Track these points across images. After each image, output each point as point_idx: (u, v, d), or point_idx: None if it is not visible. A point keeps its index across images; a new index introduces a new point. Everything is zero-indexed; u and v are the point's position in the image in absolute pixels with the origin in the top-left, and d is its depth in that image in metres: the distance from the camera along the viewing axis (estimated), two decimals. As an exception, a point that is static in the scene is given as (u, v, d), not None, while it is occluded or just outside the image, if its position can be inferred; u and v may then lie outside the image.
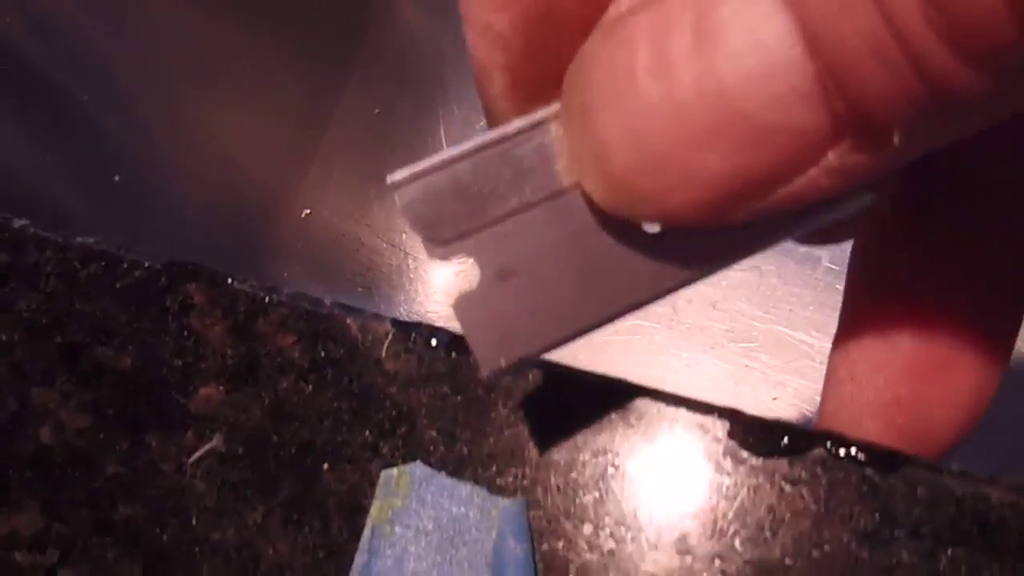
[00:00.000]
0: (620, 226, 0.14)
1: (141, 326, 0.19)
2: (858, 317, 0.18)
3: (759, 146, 0.11)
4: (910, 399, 0.17)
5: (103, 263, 0.20)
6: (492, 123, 0.15)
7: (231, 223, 0.55)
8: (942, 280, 0.17)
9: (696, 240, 0.14)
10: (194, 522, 0.17)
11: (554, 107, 0.14)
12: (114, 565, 0.17)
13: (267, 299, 0.19)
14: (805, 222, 0.13)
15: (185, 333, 0.19)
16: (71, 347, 0.19)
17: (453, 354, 0.17)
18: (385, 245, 0.63)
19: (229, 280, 0.19)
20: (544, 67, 0.14)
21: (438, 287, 0.62)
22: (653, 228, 0.13)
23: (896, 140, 0.11)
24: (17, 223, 0.20)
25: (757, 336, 0.57)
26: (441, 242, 0.14)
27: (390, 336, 0.18)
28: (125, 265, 0.20)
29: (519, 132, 0.14)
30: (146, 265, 0.19)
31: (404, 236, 0.63)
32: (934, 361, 0.17)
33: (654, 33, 0.12)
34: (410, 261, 0.62)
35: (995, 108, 0.11)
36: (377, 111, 0.63)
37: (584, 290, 0.14)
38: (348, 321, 0.18)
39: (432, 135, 0.64)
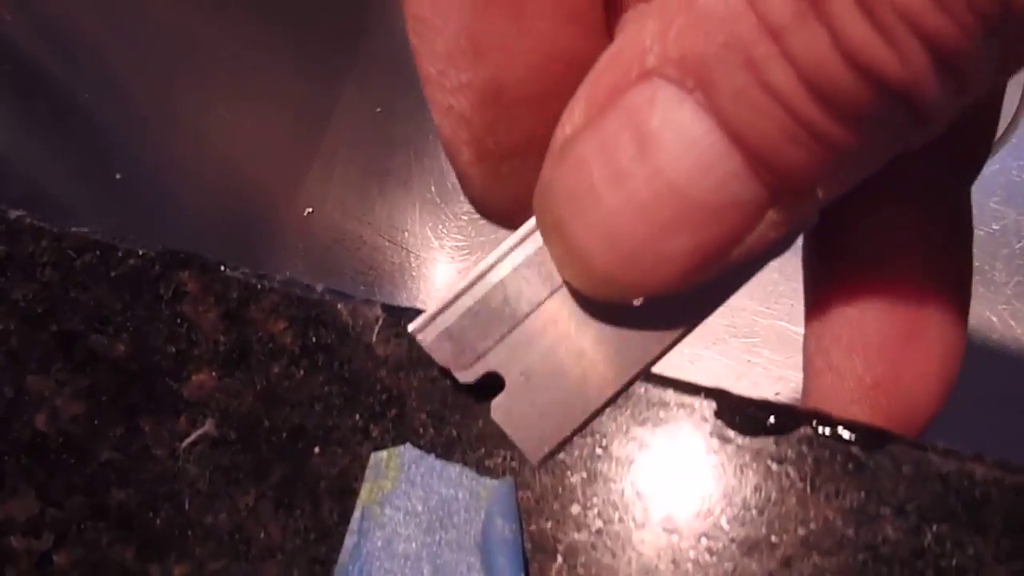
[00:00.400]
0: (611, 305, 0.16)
1: (135, 314, 0.19)
2: (823, 307, 0.18)
3: (713, 222, 0.13)
4: (889, 378, 0.17)
5: (98, 252, 0.20)
6: (464, 187, 0.17)
7: (233, 222, 0.55)
8: (891, 257, 0.17)
9: (681, 301, 0.16)
10: (187, 506, 0.17)
11: (533, 220, 0.16)
12: (108, 549, 0.17)
13: (259, 286, 0.19)
14: (764, 260, 0.16)
15: (178, 320, 0.19)
16: (66, 335, 0.19)
17: (443, 338, 0.17)
18: (387, 243, 0.63)
19: (221, 268, 0.19)
20: (502, 140, 0.15)
21: (440, 285, 0.62)
22: (638, 302, 0.16)
23: (820, 193, 0.13)
24: (13, 214, 0.21)
25: (759, 331, 0.57)
26: (466, 366, 0.16)
27: (380, 321, 0.18)
28: (119, 254, 0.20)
29: (509, 250, 0.16)
30: (140, 254, 0.20)
31: (406, 234, 0.63)
32: (903, 336, 0.17)
33: (601, 150, 0.14)
34: (412, 259, 0.63)
35: (879, 152, 0.13)
36: (378, 110, 0.63)
37: (598, 365, 0.16)
38: (339, 306, 0.18)
39: (433, 133, 0.64)
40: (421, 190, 0.63)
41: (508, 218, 0.17)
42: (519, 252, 0.16)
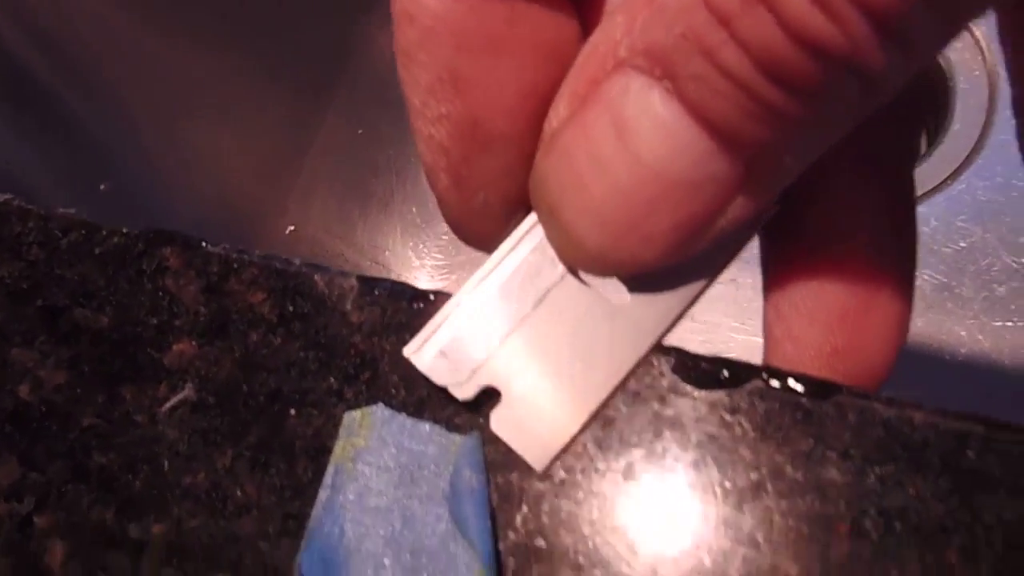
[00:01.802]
0: (604, 293, 0.17)
1: (118, 288, 0.20)
2: (781, 281, 0.19)
3: (692, 200, 0.14)
4: (846, 345, 0.18)
5: (83, 231, 0.21)
6: (442, 211, 0.18)
7: (215, 237, 0.56)
8: (844, 231, 0.18)
9: (667, 284, 0.17)
10: (166, 467, 0.18)
11: (523, 225, 0.17)
12: (88, 511, 0.18)
13: (238, 260, 0.19)
14: (743, 238, 0.17)
15: (160, 293, 0.19)
16: (51, 310, 0.20)
17: (415, 305, 0.18)
18: (368, 262, 0.64)
19: (203, 244, 0.20)
20: (477, 170, 0.17)
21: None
22: (624, 295, 0.17)
23: (788, 164, 0.14)
24: (0, 197, 0.21)
25: (734, 348, 0.58)
26: (462, 383, 0.17)
27: (355, 290, 0.19)
28: (104, 233, 0.20)
29: (493, 267, 0.17)
30: (124, 232, 0.20)
31: (387, 253, 0.64)
32: (858, 306, 0.18)
33: (583, 140, 0.15)
34: (392, 278, 0.63)
35: (838, 122, 0.14)
36: (361, 131, 0.64)
37: (593, 363, 0.17)
38: (316, 277, 0.19)
39: (415, 156, 0.65)
40: (402, 210, 0.64)
41: (484, 242, 0.18)
42: (504, 267, 0.17)
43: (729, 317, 0.59)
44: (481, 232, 0.18)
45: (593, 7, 0.17)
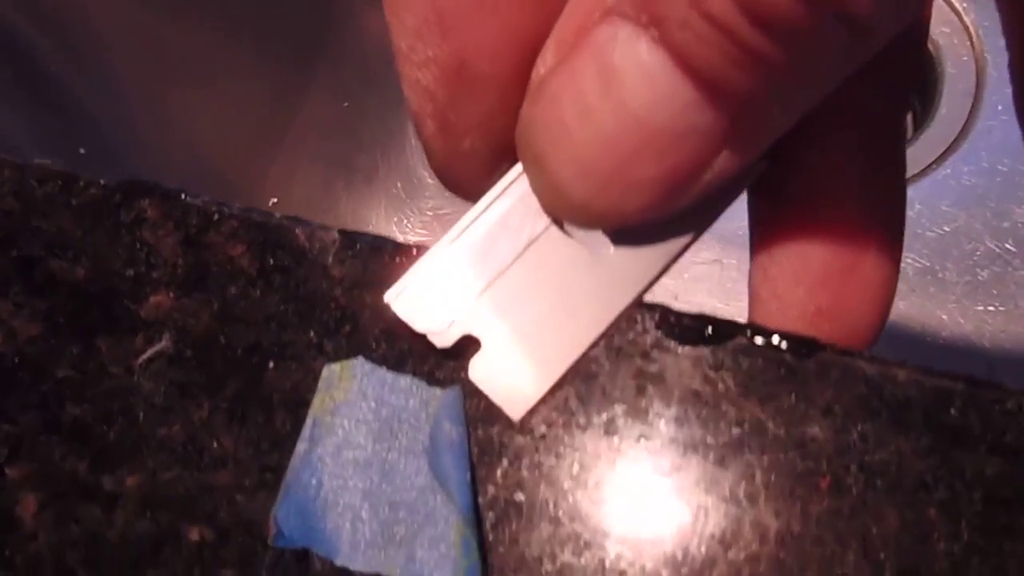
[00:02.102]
0: (587, 246, 0.16)
1: (95, 239, 0.19)
2: (768, 241, 0.19)
3: (677, 150, 0.14)
4: (832, 306, 0.18)
5: (60, 182, 0.20)
6: (428, 159, 0.18)
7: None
8: (832, 189, 0.18)
9: (651, 238, 0.16)
10: (141, 419, 0.18)
11: (508, 176, 0.17)
12: (61, 462, 0.18)
13: (218, 212, 0.19)
14: (731, 194, 0.17)
15: (138, 245, 0.19)
16: (25, 260, 0.20)
17: (397, 259, 0.18)
18: (352, 236, 0.63)
19: (182, 195, 0.19)
20: (463, 115, 0.16)
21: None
22: (608, 248, 0.16)
23: (776, 115, 0.14)
24: (-25, 146, 0.21)
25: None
26: (442, 331, 0.16)
27: (336, 244, 0.18)
28: (81, 184, 0.20)
29: (478, 214, 0.17)
30: (102, 183, 0.20)
31: (371, 228, 0.63)
32: (845, 266, 0.18)
33: (570, 87, 0.14)
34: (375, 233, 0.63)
35: (826, 72, 0.14)
36: (345, 104, 0.64)
37: (575, 315, 0.16)
38: (296, 231, 0.19)
39: (400, 130, 0.64)
40: (386, 185, 0.64)
41: (468, 190, 0.18)
42: (488, 216, 0.17)
43: (713, 297, 0.59)
44: (467, 179, 0.18)
45: None
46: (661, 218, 0.15)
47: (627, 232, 0.16)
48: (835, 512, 0.15)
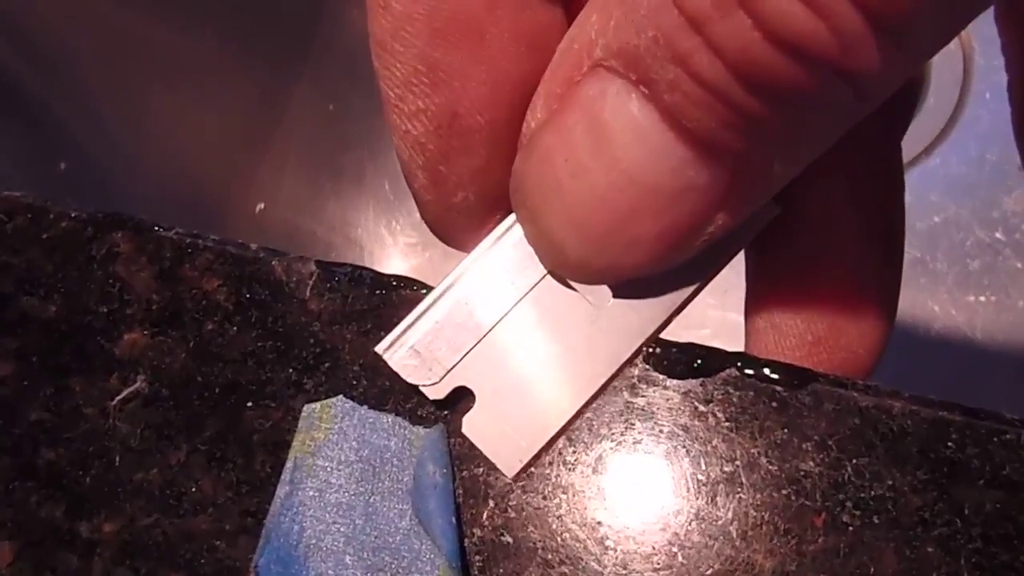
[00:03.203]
0: (586, 296, 0.16)
1: (67, 275, 0.19)
2: (765, 268, 0.18)
3: (674, 207, 0.13)
4: (829, 335, 0.17)
5: (29, 215, 0.20)
6: (420, 210, 0.17)
7: (183, 216, 0.55)
8: (832, 217, 0.18)
9: (653, 289, 0.16)
10: (117, 463, 0.17)
11: (503, 225, 0.16)
12: (37, 508, 0.17)
13: (192, 245, 0.19)
14: (738, 243, 0.16)
15: (111, 280, 0.19)
16: (-5, 298, 0.19)
17: (377, 292, 0.17)
18: (340, 239, 0.63)
19: (155, 228, 0.19)
20: (456, 168, 0.16)
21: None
22: (608, 298, 0.16)
23: (777, 169, 0.13)
24: (-58, 178, 0.20)
25: (710, 323, 0.58)
26: (435, 383, 0.16)
27: (314, 276, 0.18)
28: (51, 216, 0.19)
29: (471, 264, 0.16)
30: (72, 216, 0.19)
31: (360, 231, 0.63)
32: (843, 295, 0.17)
33: (561, 145, 0.14)
34: (366, 256, 0.62)
35: (827, 130, 0.13)
36: (331, 106, 0.63)
37: (572, 368, 0.16)
38: (273, 263, 0.18)
39: (387, 131, 0.64)
40: (375, 187, 0.63)
41: (461, 241, 0.17)
42: (483, 264, 0.16)
43: (705, 293, 0.58)
44: (460, 231, 0.17)
45: None
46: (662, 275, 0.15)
47: (628, 283, 0.16)
48: (831, 550, 0.14)
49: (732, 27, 0.11)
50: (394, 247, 0.62)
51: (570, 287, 0.16)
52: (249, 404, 0.17)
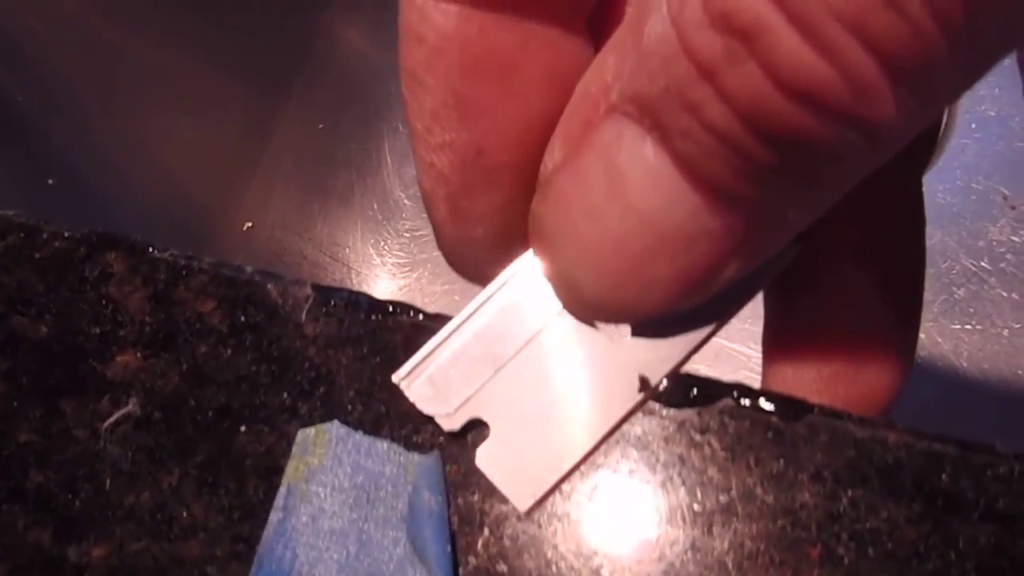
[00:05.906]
0: (604, 332, 0.16)
1: (59, 295, 0.19)
2: (783, 301, 0.18)
3: (691, 251, 0.13)
4: (847, 370, 0.17)
5: (22, 235, 0.19)
6: (438, 241, 0.17)
7: (171, 234, 0.55)
8: (853, 251, 0.18)
9: (671, 328, 0.16)
10: (107, 486, 0.17)
11: (521, 259, 0.16)
12: (24, 532, 0.17)
13: (187, 266, 0.18)
14: (762, 279, 0.16)
15: (103, 302, 0.18)
16: (-14, 317, 0.19)
17: (372, 316, 0.17)
18: (328, 259, 0.62)
19: (150, 249, 0.19)
20: (478, 202, 0.16)
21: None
22: (625, 335, 0.16)
23: (791, 215, 0.13)
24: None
25: (706, 352, 0.58)
26: (450, 413, 0.16)
27: (310, 300, 0.18)
28: (44, 236, 0.19)
29: (489, 297, 0.16)
30: (65, 236, 0.19)
31: (347, 251, 0.63)
32: (862, 328, 0.17)
33: (577, 187, 0.14)
34: (353, 276, 0.62)
35: (841, 179, 0.13)
36: (321, 126, 0.63)
37: (588, 404, 0.16)
38: (269, 287, 0.18)
39: (376, 151, 0.64)
40: (363, 207, 0.63)
41: (479, 274, 0.17)
42: (501, 297, 0.16)
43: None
44: (477, 265, 0.17)
45: (610, 32, 0.16)
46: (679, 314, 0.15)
47: (646, 320, 0.16)
48: (826, 583, 0.14)
49: (742, 76, 0.11)
50: (382, 267, 0.62)
51: (588, 323, 0.16)
52: (242, 428, 0.17)
